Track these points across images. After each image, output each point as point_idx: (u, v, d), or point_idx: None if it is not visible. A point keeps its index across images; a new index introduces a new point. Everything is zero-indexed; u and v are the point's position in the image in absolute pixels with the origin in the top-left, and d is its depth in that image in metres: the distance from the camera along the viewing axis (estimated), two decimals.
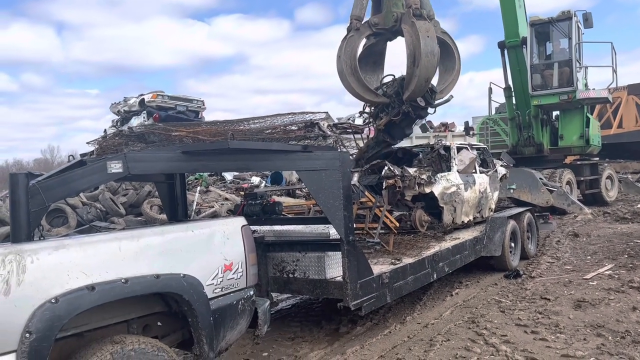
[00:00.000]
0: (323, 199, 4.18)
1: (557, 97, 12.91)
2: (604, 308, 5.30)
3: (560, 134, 13.91)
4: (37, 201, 2.77)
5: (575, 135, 13.78)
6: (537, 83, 13.22)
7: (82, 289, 2.56)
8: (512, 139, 14.08)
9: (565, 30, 12.83)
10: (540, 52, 13.50)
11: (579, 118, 13.80)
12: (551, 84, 13.06)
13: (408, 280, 5.18)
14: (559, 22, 12.87)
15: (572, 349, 4.24)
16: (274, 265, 4.96)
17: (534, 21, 13.14)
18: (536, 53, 13.33)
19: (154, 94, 17.70)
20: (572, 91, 12.71)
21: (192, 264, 3.12)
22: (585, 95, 12.76)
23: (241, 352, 4.59)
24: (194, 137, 3.78)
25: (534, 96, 13.21)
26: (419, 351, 4.38)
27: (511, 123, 13.99)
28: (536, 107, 13.25)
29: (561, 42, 13.16)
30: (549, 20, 13.04)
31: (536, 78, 13.22)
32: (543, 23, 13.12)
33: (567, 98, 12.75)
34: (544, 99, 13.18)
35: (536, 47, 13.32)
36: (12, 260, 2.39)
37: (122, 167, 3.08)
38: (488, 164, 8.32)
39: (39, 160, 53.40)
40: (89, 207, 10.03)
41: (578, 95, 12.70)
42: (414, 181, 6.54)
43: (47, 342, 2.40)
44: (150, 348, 2.83)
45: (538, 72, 13.27)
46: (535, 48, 13.30)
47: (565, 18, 12.79)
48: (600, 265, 7.24)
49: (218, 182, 14.64)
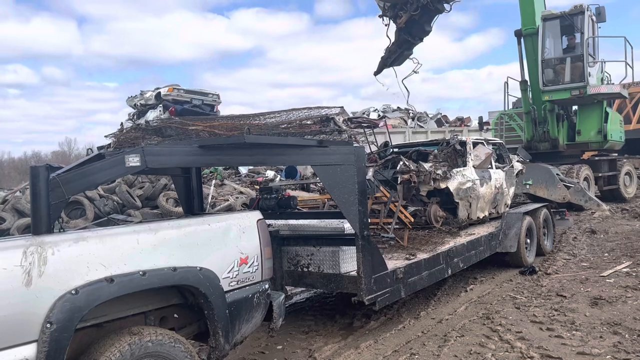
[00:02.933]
0: (338, 193, 4.18)
1: (568, 92, 12.69)
2: (621, 306, 5.24)
3: (578, 129, 13.64)
4: (57, 194, 2.81)
5: (593, 131, 13.50)
6: (548, 78, 13.01)
7: (101, 280, 2.61)
8: (527, 134, 13.88)
9: (577, 24, 12.59)
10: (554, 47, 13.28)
11: (597, 113, 13.53)
12: (563, 79, 12.85)
13: (422, 276, 5.17)
14: (572, 16, 12.65)
15: (588, 346, 4.21)
16: (289, 259, 4.98)
17: (546, 15, 12.92)
18: (549, 47, 13.12)
19: (170, 87, 17.82)
20: (584, 86, 12.46)
21: (208, 257, 3.16)
22: (597, 90, 12.47)
23: (255, 344, 4.63)
24: (210, 131, 3.81)
25: (545, 91, 13.02)
26: (433, 346, 4.38)
27: (526, 117, 13.79)
28: (550, 101, 13.08)
29: (575, 37, 12.93)
30: (562, 14, 12.82)
31: (548, 73, 13.00)
32: (555, 17, 12.90)
33: (579, 93, 12.53)
34: (555, 94, 12.97)
35: (549, 41, 13.11)
36: (34, 252, 2.44)
37: (139, 160, 3.12)
38: (504, 159, 8.26)
39: (57, 153, 54.16)
40: (105, 199, 10.15)
41: (589, 90, 12.45)
42: (429, 176, 6.51)
43: (68, 333, 2.45)
44: (167, 340, 2.87)
45: (550, 66, 13.07)
46: (549, 42, 13.09)
47: (578, 12, 12.52)
48: (617, 263, 7.15)
49: (233, 176, 14.75)
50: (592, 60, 12.62)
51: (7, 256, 2.38)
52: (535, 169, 11.41)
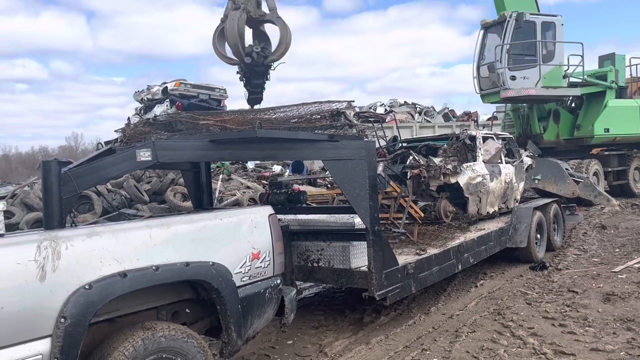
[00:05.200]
0: (349, 188, 4.16)
1: (497, 96, 12.99)
2: (633, 302, 5.19)
3: (578, 124, 13.68)
4: (69, 188, 2.80)
5: (590, 126, 13.40)
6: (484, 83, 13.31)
7: (114, 275, 2.60)
8: (516, 131, 14.14)
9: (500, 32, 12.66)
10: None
11: (598, 108, 13.50)
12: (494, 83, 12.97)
13: (433, 271, 5.14)
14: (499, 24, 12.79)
15: (601, 342, 4.17)
16: (299, 254, 4.97)
17: (484, 24, 13.31)
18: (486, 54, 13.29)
19: (176, 82, 17.77)
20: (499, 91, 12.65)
21: (220, 252, 3.14)
22: (506, 95, 12.60)
23: (266, 339, 4.62)
24: (221, 125, 3.76)
25: (483, 95, 13.46)
26: (444, 342, 4.36)
27: (514, 115, 14.34)
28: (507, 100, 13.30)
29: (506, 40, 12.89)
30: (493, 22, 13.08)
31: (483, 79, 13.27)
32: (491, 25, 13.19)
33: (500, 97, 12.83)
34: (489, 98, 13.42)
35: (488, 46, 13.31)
36: (48, 247, 2.43)
37: (151, 155, 3.11)
38: (514, 154, 8.19)
39: (64, 148, 54.40)
40: (114, 194, 10.16)
41: (501, 94, 12.62)
42: (439, 171, 6.47)
43: (82, 327, 2.44)
44: (180, 335, 2.86)
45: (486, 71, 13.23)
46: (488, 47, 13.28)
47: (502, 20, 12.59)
48: (629, 258, 7.09)
49: (240, 170, 14.73)
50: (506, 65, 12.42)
51: (20, 251, 2.38)
52: (544, 163, 11.33)
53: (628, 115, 13.75)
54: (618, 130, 13.59)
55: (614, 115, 13.51)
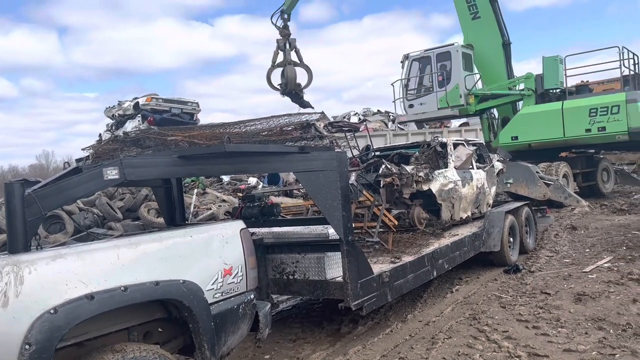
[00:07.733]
0: (321, 199, 4.16)
1: None
2: (604, 301, 5.30)
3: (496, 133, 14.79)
4: (34, 210, 2.74)
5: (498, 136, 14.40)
6: None
7: (81, 298, 2.54)
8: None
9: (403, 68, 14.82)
10: None
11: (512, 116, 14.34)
12: None
13: (408, 279, 5.17)
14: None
15: (573, 343, 4.24)
16: (274, 267, 4.94)
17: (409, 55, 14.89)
18: None
19: (148, 97, 17.63)
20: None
21: (191, 270, 3.11)
22: (400, 120, 16.85)
23: (243, 355, 4.57)
24: (189, 140, 3.73)
25: None
26: (421, 349, 4.37)
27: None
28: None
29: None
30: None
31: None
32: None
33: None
34: None
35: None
36: (10, 272, 2.37)
37: (118, 173, 3.07)
38: (485, 159, 8.33)
39: (34, 166, 53.25)
40: (85, 212, 9.97)
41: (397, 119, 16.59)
42: (411, 179, 6.53)
43: (47, 353, 2.38)
44: (151, 355, 2.81)
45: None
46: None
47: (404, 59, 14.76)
48: (599, 258, 7.25)
49: (215, 184, 14.61)
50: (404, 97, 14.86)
51: None
52: (516, 167, 11.55)
53: (546, 121, 13.21)
54: (529, 137, 13.43)
55: (526, 122, 13.46)
